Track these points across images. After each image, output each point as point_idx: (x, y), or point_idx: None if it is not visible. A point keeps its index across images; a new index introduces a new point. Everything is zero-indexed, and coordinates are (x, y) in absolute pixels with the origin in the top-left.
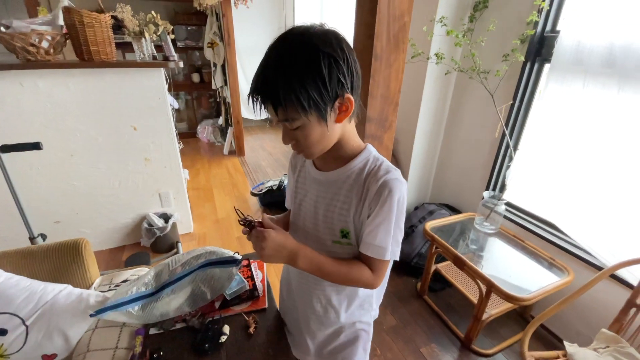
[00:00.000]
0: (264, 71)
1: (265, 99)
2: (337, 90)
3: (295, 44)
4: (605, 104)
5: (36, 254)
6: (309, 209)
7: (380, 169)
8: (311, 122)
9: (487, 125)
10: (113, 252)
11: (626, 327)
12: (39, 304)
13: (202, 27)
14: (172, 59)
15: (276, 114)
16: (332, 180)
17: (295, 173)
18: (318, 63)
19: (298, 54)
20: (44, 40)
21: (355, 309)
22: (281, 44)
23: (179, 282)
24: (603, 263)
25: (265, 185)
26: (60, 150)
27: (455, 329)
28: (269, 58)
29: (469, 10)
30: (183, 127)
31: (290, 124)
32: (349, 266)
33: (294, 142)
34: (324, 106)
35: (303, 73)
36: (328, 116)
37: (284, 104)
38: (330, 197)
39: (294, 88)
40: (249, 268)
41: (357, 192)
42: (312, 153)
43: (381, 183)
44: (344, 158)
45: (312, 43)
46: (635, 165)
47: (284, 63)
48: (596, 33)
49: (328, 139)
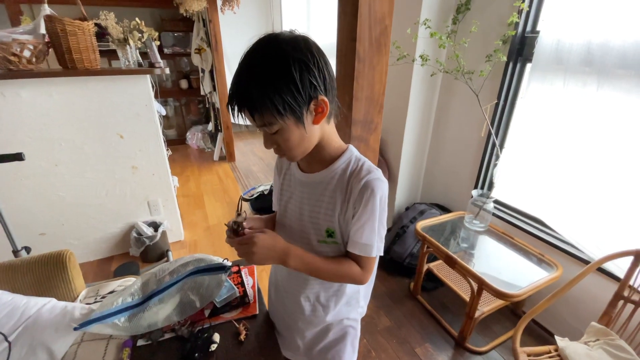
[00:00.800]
0: (238, 80)
1: (242, 106)
2: (310, 93)
3: (265, 52)
4: (585, 101)
5: (19, 268)
6: (295, 210)
7: (362, 169)
8: (288, 126)
9: (473, 124)
10: (101, 263)
11: (615, 320)
12: (22, 319)
13: (189, 34)
14: (158, 65)
15: (254, 120)
16: (316, 181)
17: (281, 175)
18: (289, 68)
19: (269, 61)
20: (26, 50)
21: (343, 306)
22: (252, 52)
23: (167, 291)
24: (590, 257)
25: (256, 190)
26: (44, 161)
27: (449, 327)
28: (242, 67)
29: (452, 13)
30: (172, 133)
31: (269, 129)
32: (338, 263)
33: (275, 146)
34: (299, 109)
35: (275, 78)
36: (305, 118)
37: (259, 110)
38: (315, 198)
39: (267, 94)
40: (239, 274)
41: (340, 193)
42: (294, 156)
43: (364, 183)
44: (327, 159)
45: (281, 49)
46: (617, 160)
47: (256, 71)
48: (575, 32)
49: (308, 141)
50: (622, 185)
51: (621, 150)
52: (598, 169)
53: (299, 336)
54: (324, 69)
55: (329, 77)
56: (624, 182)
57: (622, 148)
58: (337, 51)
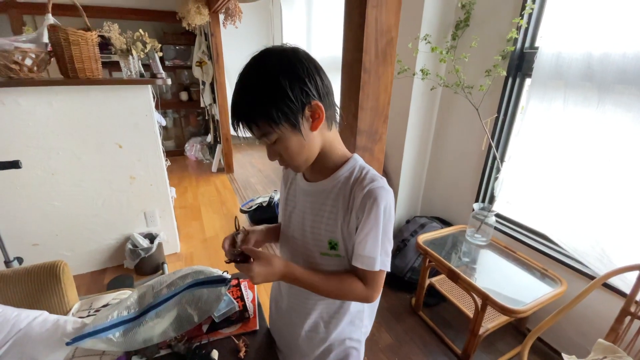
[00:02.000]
0: (234, 96)
1: (239, 120)
2: (302, 99)
3: (255, 65)
4: (586, 116)
5: (10, 279)
6: (298, 221)
7: (366, 177)
8: (286, 134)
9: (473, 137)
10: (94, 275)
11: (622, 336)
12: (12, 333)
13: (191, 47)
14: (160, 76)
15: (252, 131)
16: (319, 190)
17: (286, 186)
18: (276, 77)
19: (258, 74)
20: (28, 58)
21: (346, 325)
22: (245, 68)
23: (164, 305)
24: (595, 272)
25: (255, 202)
26: (40, 169)
27: (452, 345)
28: (237, 83)
29: (451, 29)
30: (171, 145)
31: (268, 139)
32: (340, 280)
33: (278, 157)
34: (294, 116)
35: (265, 89)
36: (301, 125)
37: (255, 121)
38: (317, 207)
39: (259, 104)
40: (238, 288)
41: (343, 202)
42: (297, 165)
43: (366, 192)
44: (330, 168)
45: (269, 61)
46: (620, 174)
47: (248, 84)
48: (574, 48)
49: (309, 149)
50: (626, 199)
51: (624, 164)
52: (601, 183)
53: (299, 354)
54: (315, 75)
55: (322, 83)
56: (627, 196)
57: (625, 162)
58: (342, 62)
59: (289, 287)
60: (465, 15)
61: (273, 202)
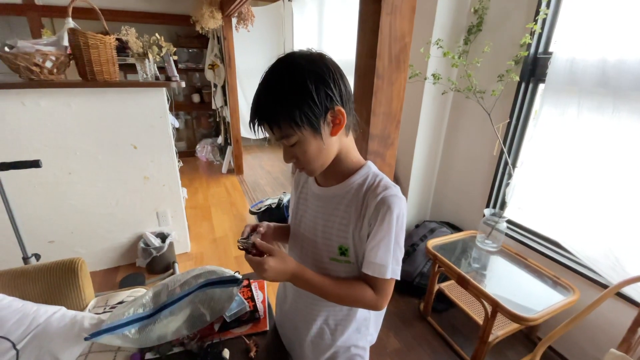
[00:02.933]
0: (258, 96)
1: (261, 120)
2: (326, 104)
3: (282, 67)
4: (601, 123)
5: (30, 274)
6: (309, 225)
7: (379, 185)
8: (306, 137)
9: (484, 143)
10: (107, 273)
11: (635, 347)
12: (31, 327)
13: (203, 50)
14: (175, 79)
15: (274, 132)
16: (331, 195)
17: (297, 189)
18: (304, 79)
19: (285, 75)
20: (48, 60)
21: (352, 333)
22: (270, 70)
23: (178, 303)
24: (608, 281)
25: (264, 204)
26: (58, 169)
27: (461, 352)
28: (261, 84)
29: (464, 33)
30: (182, 146)
31: (287, 141)
32: (350, 286)
33: (294, 159)
34: (316, 120)
35: (291, 90)
36: (322, 129)
37: (277, 122)
38: (329, 212)
39: (284, 105)
40: (249, 288)
41: (356, 208)
42: (313, 169)
43: (379, 199)
44: (344, 173)
45: (296, 63)
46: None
47: (273, 84)
48: (588, 53)
49: (326, 154)
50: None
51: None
52: (615, 190)
53: (303, 359)
54: (339, 81)
55: (345, 89)
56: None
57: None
58: (355, 67)
59: (295, 290)
60: (478, 20)
61: (282, 204)
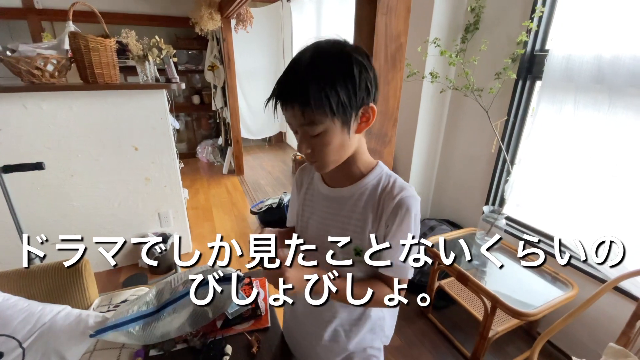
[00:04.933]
0: (294, 72)
1: (293, 99)
2: (364, 97)
3: (328, 48)
4: (597, 119)
5: (35, 274)
6: (318, 227)
7: (395, 186)
8: (334, 128)
9: (483, 140)
10: (110, 273)
11: (634, 340)
12: (37, 326)
13: (203, 51)
14: (175, 80)
15: (302, 116)
16: (345, 196)
17: (301, 190)
18: (350, 66)
19: (331, 56)
20: (49, 64)
21: (366, 333)
22: (313, 48)
23: (181, 301)
24: (606, 276)
25: (264, 204)
26: (60, 171)
27: (461, 348)
28: (299, 60)
29: (461, 32)
30: (183, 147)
31: (312, 129)
32: (371, 287)
33: (310, 150)
34: (350, 111)
35: (335, 73)
36: (351, 124)
37: (312, 105)
38: (344, 214)
39: (324, 87)
40: (250, 286)
41: (372, 210)
42: (326, 163)
43: (398, 201)
44: (356, 174)
45: (345, 49)
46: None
47: (316, 63)
48: (584, 50)
49: (345, 150)
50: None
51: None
52: (612, 186)
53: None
54: (376, 77)
55: (377, 89)
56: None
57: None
58: None
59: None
60: (475, 19)
61: (283, 203)
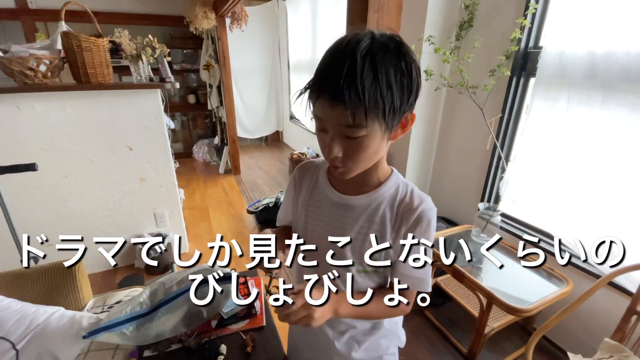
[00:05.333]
0: (351, 64)
1: (346, 96)
2: (412, 103)
3: (386, 42)
4: (590, 114)
5: (28, 276)
6: (327, 235)
7: (414, 197)
8: (376, 134)
9: (478, 137)
10: (106, 274)
11: (629, 336)
12: (30, 328)
13: (198, 51)
14: (169, 80)
15: (351, 117)
16: (361, 205)
17: (300, 192)
18: (409, 67)
19: (390, 52)
20: (42, 64)
21: (380, 339)
22: (370, 40)
23: (175, 301)
24: (601, 271)
25: (261, 203)
26: (54, 172)
27: (458, 344)
28: (354, 52)
29: (455, 29)
30: (179, 147)
31: (355, 131)
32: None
33: (341, 154)
34: (398, 117)
35: (394, 73)
36: (393, 130)
37: (366, 106)
38: (361, 223)
39: (381, 87)
40: (245, 285)
41: (390, 220)
42: (355, 170)
43: (419, 214)
44: (374, 182)
45: (402, 47)
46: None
47: (376, 58)
48: (577, 46)
49: (376, 156)
50: (632, 197)
51: (629, 163)
52: (606, 181)
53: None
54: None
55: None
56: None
57: (630, 161)
58: None
59: None
60: (469, 16)
61: (279, 203)
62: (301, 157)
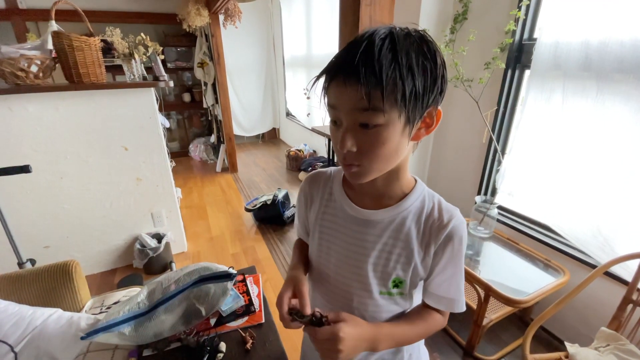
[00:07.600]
0: (368, 44)
1: (360, 73)
2: (437, 96)
3: (408, 30)
4: (585, 105)
5: (25, 278)
6: (345, 254)
7: (442, 210)
8: (394, 124)
9: (474, 130)
10: (104, 275)
11: (625, 324)
12: (28, 330)
13: (192, 48)
14: (162, 78)
15: (365, 98)
16: (384, 220)
17: (312, 207)
18: (433, 53)
19: (411, 36)
20: (33, 65)
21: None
22: (389, 27)
23: (173, 300)
24: (597, 261)
25: (259, 201)
26: (49, 173)
27: (456, 336)
28: (373, 34)
29: (450, 22)
30: (175, 146)
31: (372, 118)
32: (425, 322)
33: (355, 148)
34: (420, 109)
35: (416, 56)
36: (415, 124)
37: (384, 85)
38: (384, 241)
39: (401, 68)
40: (244, 283)
41: (417, 237)
42: (371, 170)
43: (450, 230)
44: (397, 194)
45: (429, 37)
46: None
47: (396, 39)
48: (572, 37)
49: (396, 158)
50: (627, 187)
51: (624, 154)
52: (602, 172)
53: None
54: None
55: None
56: (628, 184)
57: (625, 151)
58: None
59: None
60: (464, 9)
61: (277, 200)
62: (298, 154)
